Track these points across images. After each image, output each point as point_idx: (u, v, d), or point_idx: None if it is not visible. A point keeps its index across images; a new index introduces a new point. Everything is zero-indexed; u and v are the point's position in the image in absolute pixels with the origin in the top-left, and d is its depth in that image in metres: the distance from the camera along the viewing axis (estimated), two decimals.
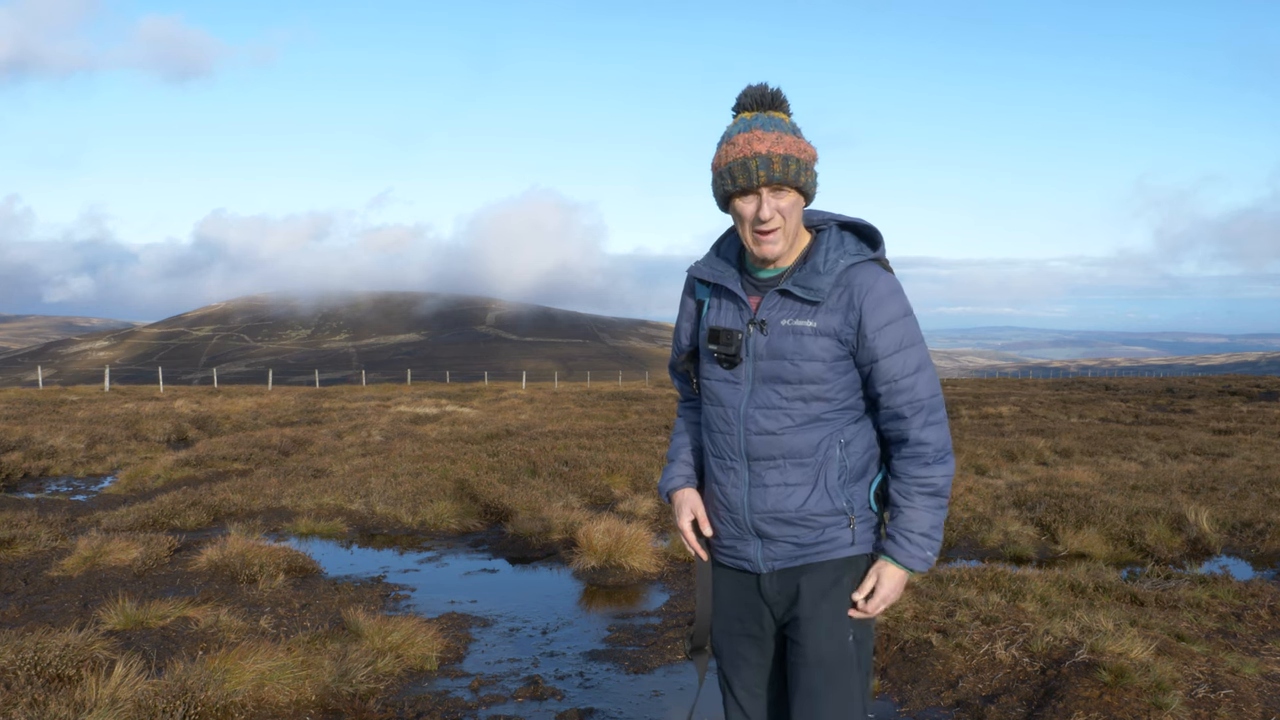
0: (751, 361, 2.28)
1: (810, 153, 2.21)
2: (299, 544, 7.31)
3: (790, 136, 2.17)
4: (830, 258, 2.25)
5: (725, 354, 2.29)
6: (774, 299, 2.27)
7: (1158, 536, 7.55)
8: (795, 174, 2.16)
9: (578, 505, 8.85)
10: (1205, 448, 13.92)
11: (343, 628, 5.02)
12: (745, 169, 2.15)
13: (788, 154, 2.15)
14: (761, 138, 2.15)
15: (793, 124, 2.22)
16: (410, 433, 15.90)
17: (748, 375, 2.29)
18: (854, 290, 2.22)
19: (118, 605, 5.02)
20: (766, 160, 2.14)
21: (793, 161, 2.15)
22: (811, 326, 2.22)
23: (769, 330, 2.26)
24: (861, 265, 2.25)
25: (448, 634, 5.11)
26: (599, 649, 5.04)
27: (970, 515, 8.37)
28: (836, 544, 2.28)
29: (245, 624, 5.05)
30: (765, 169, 2.14)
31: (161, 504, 8.37)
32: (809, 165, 2.20)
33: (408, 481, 9.33)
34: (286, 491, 9.18)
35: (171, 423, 17.16)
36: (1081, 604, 5.25)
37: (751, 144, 2.15)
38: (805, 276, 2.24)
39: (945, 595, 5.28)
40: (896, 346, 2.22)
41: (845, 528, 2.28)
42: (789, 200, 2.19)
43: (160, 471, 11.38)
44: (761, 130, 2.16)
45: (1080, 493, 9.00)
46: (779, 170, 2.14)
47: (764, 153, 2.14)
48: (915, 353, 2.24)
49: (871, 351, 2.22)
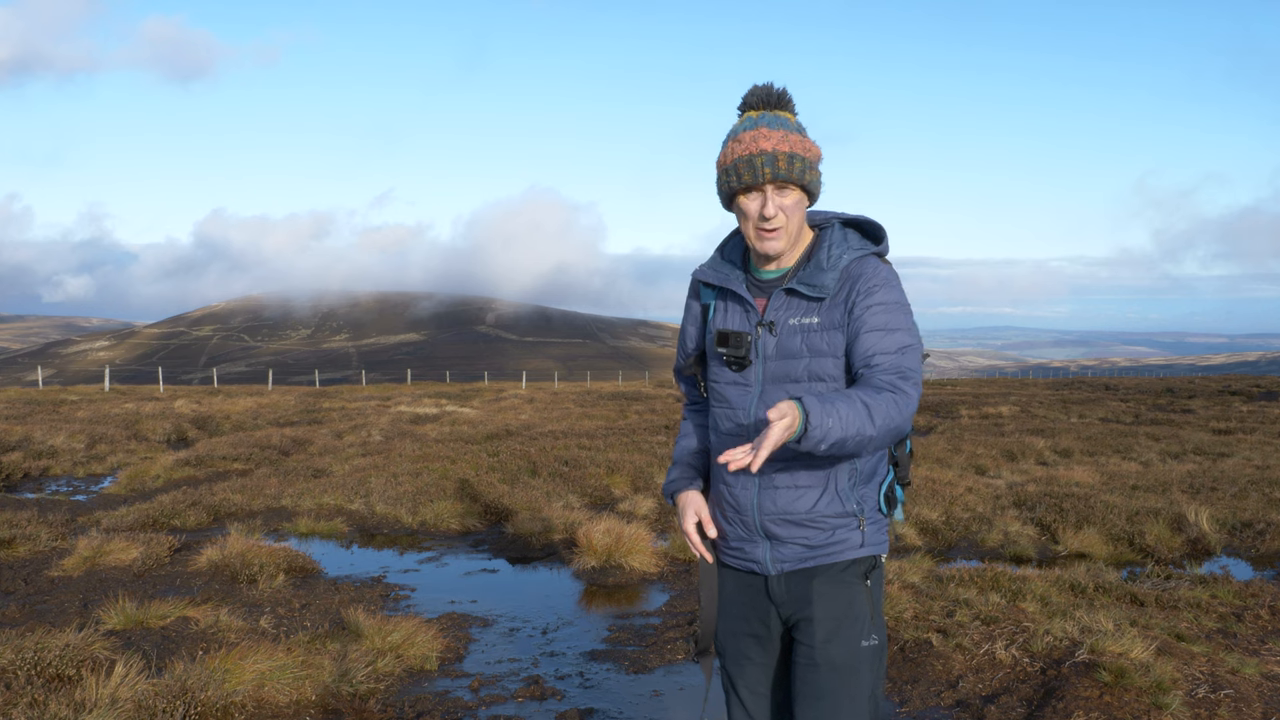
0: (761, 363, 2.28)
1: (815, 152, 2.23)
2: (299, 544, 7.31)
3: (796, 135, 2.19)
4: (834, 254, 2.26)
5: (735, 357, 2.29)
6: (780, 298, 2.27)
7: (1158, 537, 7.55)
8: (800, 172, 2.18)
9: (578, 505, 8.85)
10: (1205, 448, 13.92)
11: (343, 628, 5.02)
12: (751, 166, 2.17)
13: (793, 152, 2.17)
14: (767, 135, 2.17)
15: (798, 123, 2.23)
16: (410, 433, 15.89)
17: (757, 377, 2.29)
18: (854, 281, 2.24)
19: (118, 605, 5.02)
20: (772, 157, 2.15)
21: (798, 159, 2.17)
22: (817, 323, 2.23)
23: (778, 331, 2.26)
24: (864, 258, 2.27)
25: (448, 634, 5.11)
26: (599, 649, 5.04)
27: (970, 515, 8.37)
28: (846, 545, 2.27)
29: (245, 624, 5.05)
30: (770, 166, 2.16)
31: (161, 504, 8.37)
32: (813, 164, 2.21)
33: (408, 481, 9.33)
34: (286, 491, 9.18)
35: (172, 423, 17.15)
36: (1081, 604, 5.24)
37: (758, 141, 2.17)
38: (810, 274, 2.25)
39: (945, 595, 5.28)
40: (883, 326, 2.19)
41: (855, 529, 2.28)
42: (793, 199, 2.21)
43: (160, 471, 11.38)
44: (768, 128, 2.18)
45: (1080, 493, 9.00)
46: (784, 168, 2.16)
47: (769, 150, 2.16)
48: (902, 336, 2.19)
49: (856, 327, 2.20)
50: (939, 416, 20.68)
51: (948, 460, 12.10)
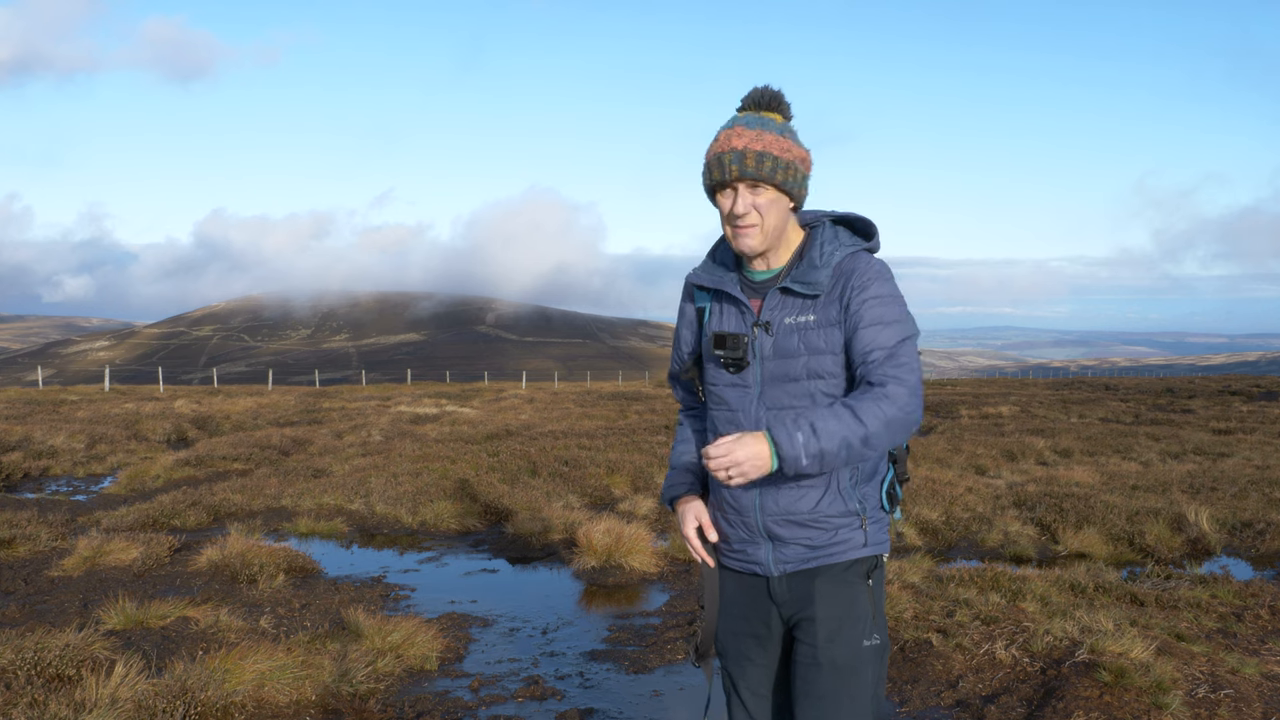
0: (759, 363, 2.29)
1: (796, 154, 2.22)
2: (299, 544, 7.31)
3: (773, 135, 2.20)
4: (825, 251, 2.27)
5: (732, 358, 2.30)
6: (775, 298, 2.28)
7: (1158, 536, 7.56)
8: (770, 171, 2.18)
9: (578, 505, 8.85)
10: (1205, 448, 13.93)
11: (343, 628, 5.02)
12: (720, 162, 2.20)
13: (764, 151, 2.17)
14: (741, 134, 2.19)
15: (784, 125, 2.23)
16: (410, 433, 15.89)
17: (756, 378, 2.29)
18: (846, 276, 2.25)
19: (118, 605, 5.02)
20: (740, 155, 2.17)
21: (768, 159, 2.17)
22: (814, 320, 2.24)
23: (774, 330, 2.27)
24: (855, 254, 2.29)
25: (448, 634, 5.11)
26: (599, 649, 5.04)
27: (970, 515, 8.37)
28: (849, 545, 2.27)
29: (245, 624, 5.05)
30: (738, 163, 2.18)
31: (161, 504, 8.37)
32: (791, 165, 2.20)
33: (408, 481, 9.33)
34: (286, 491, 9.18)
35: (172, 423, 17.16)
36: (1081, 604, 5.25)
37: (730, 140, 2.20)
38: (803, 272, 2.26)
39: (945, 595, 5.28)
40: (879, 320, 2.20)
41: (857, 529, 2.28)
42: (767, 198, 2.21)
43: (160, 471, 11.38)
44: (744, 127, 2.20)
45: (1080, 493, 9.00)
46: (752, 166, 2.17)
47: (739, 148, 2.18)
48: (897, 329, 2.20)
49: (853, 323, 2.21)
50: (939, 416, 20.68)
51: (948, 460, 12.10)
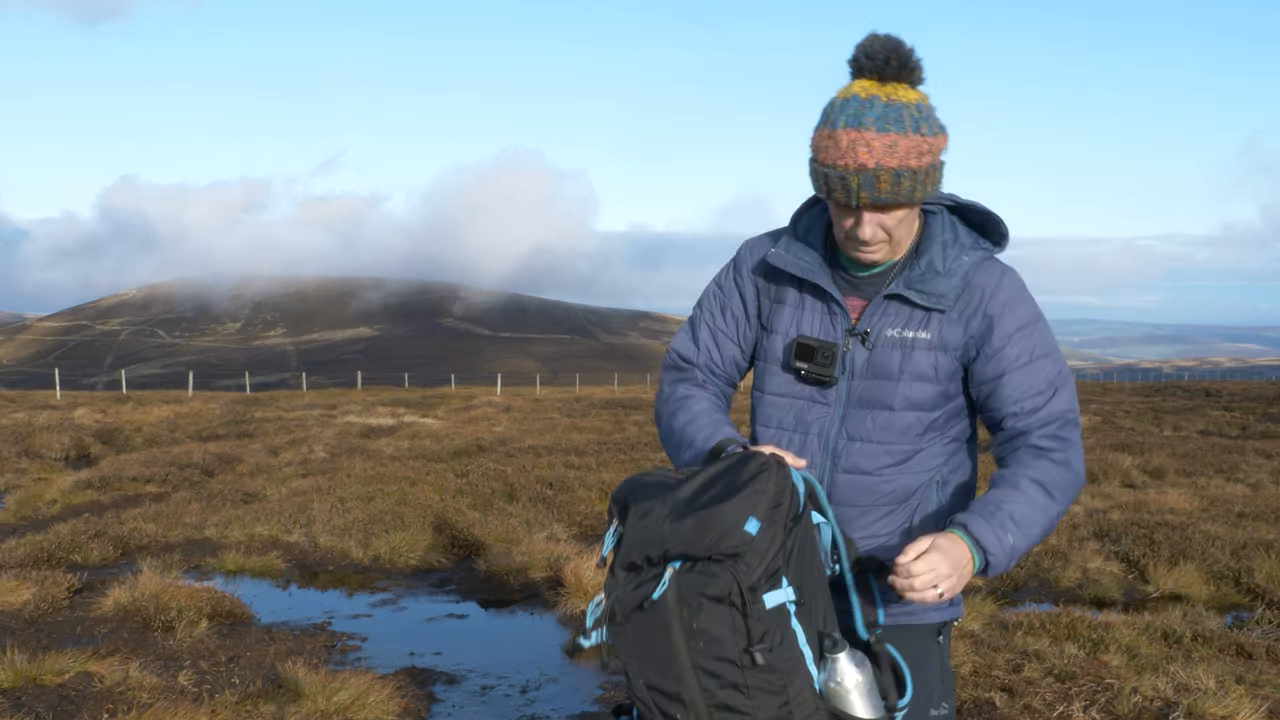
0: (846, 380, 2.21)
1: (934, 149, 2.07)
2: (226, 583, 7.33)
3: (908, 139, 2.01)
4: (949, 254, 2.18)
5: (819, 374, 2.21)
6: (880, 304, 2.19)
7: (1269, 575, 7.56)
8: (909, 191, 2.04)
9: (564, 537, 8.87)
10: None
11: (279, 685, 5.03)
12: (845, 185, 2.04)
13: (901, 167, 2.01)
14: (870, 143, 2.00)
15: (918, 108, 2.04)
16: (361, 448, 15.93)
17: (839, 397, 2.22)
18: (976, 293, 2.16)
19: (6, 658, 5.03)
20: (872, 180, 2.01)
21: (905, 177, 2.02)
22: (926, 339, 2.16)
23: (872, 343, 2.19)
24: (988, 263, 2.20)
25: (406, 693, 5.12)
26: (590, 710, 5.05)
27: (1041, 548, 8.38)
28: (924, 606, 2.18)
29: (160, 681, 5.06)
30: (869, 189, 2.02)
31: (59, 535, 8.38)
32: (929, 171, 2.06)
33: (358, 508, 9.35)
34: (211, 520, 9.20)
35: (71, 436, 17.18)
36: (1177, 656, 5.25)
37: (856, 151, 2.00)
38: (923, 278, 2.17)
39: (1011, 646, 5.29)
40: (1028, 357, 2.15)
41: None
42: (899, 215, 2.11)
43: (57, 495, 11.40)
44: (875, 132, 2.00)
45: (1175, 521, 9.01)
46: (887, 190, 2.02)
47: (870, 167, 2.00)
48: (1049, 364, 2.16)
49: (996, 366, 2.15)
50: None
51: None
